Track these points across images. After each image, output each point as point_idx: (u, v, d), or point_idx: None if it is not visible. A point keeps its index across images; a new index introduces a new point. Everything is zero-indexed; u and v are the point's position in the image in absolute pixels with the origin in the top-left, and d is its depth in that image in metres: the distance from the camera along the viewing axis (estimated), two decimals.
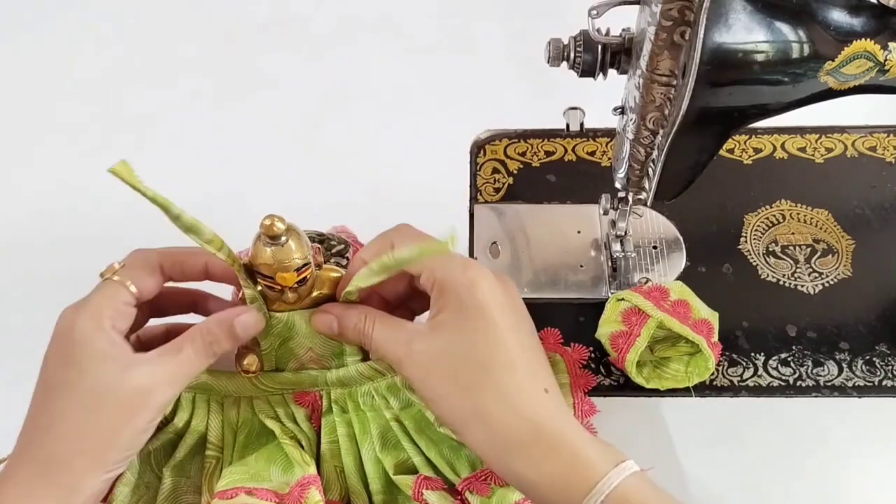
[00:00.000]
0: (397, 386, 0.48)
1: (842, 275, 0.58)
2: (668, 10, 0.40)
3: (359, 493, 0.47)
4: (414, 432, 0.47)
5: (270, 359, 0.47)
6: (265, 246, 0.42)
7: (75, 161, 0.68)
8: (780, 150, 0.65)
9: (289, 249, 0.42)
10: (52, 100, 0.73)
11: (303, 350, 0.47)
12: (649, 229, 0.61)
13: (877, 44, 0.44)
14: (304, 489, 0.44)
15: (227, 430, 0.48)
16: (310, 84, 0.73)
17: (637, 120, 0.46)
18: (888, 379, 0.53)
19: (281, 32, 0.78)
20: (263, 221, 0.41)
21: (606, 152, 0.66)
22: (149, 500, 0.47)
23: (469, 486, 0.45)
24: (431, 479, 0.46)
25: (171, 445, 0.48)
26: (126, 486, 0.45)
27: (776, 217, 0.61)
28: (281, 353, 0.47)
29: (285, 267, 0.42)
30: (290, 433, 0.47)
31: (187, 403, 0.48)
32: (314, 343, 0.47)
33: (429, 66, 0.74)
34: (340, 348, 0.47)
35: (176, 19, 0.79)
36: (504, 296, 0.43)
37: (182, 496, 0.47)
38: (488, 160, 0.66)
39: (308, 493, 0.43)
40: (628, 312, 0.51)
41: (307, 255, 0.43)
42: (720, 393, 0.53)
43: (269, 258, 0.42)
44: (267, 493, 0.43)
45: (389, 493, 0.47)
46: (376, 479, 0.47)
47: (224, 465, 0.47)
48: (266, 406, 0.48)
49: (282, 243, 0.42)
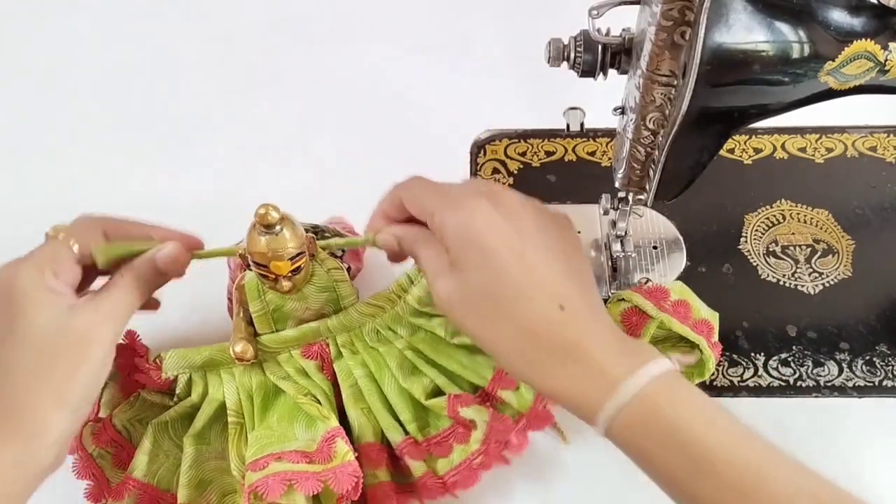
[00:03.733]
0: (400, 315, 0.49)
1: (842, 275, 0.58)
2: (668, 11, 0.40)
3: (394, 428, 0.48)
4: (431, 353, 0.48)
5: (268, 320, 0.48)
6: (260, 235, 0.43)
7: (75, 161, 0.68)
8: (781, 150, 0.65)
9: (283, 238, 0.43)
10: (51, 100, 0.73)
11: (300, 311, 0.48)
12: (649, 229, 0.61)
13: (877, 44, 0.44)
14: (331, 443, 0.44)
15: (244, 395, 0.49)
16: (310, 84, 0.73)
17: (637, 120, 0.46)
18: (888, 379, 0.53)
19: (281, 32, 0.78)
20: (258, 210, 0.42)
21: (607, 152, 0.66)
22: (169, 467, 0.48)
23: (499, 385, 0.47)
24: (461, 395, 0.47)
25: (188, 417, 0.49)
26: (144, 455, 0.47)
27: (776, 217, 0.61)
28: (277, 316, 0.48)
29: (279, 256, 0.43)
30: (305, 390, 0.48)
31: (199, 379, 0.49)
32: (310, 301, 0.48)
33: (428, 66, 0.74)
34: (335, 295, 0.48)
35: (176, 19, 0.79)
36: (503, 223, 0.42)
37: (206, 462, 0.48)
38: (488, 160, 0.66)
39: (335, 446, 0.44)
40: (628, 313, 0.51)
41: (301, 244, 0.44)
42: (720, 393, 0.53)
43: (263, 247, 0.43)
44: (295, 454, 0.44)
45: (422, 419, 0.48)
46: (405, 409, 0.48)
47: (248, 430, 0.48)
48: (276, 367, 0.49)
49: (276, 232, 0.43)
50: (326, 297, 0.48)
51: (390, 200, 0.47)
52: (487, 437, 0.46)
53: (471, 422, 0.46)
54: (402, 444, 0.47)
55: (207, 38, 0.77)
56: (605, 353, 0.40)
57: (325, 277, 0.48)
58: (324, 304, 0.49)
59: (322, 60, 0.75)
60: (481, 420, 0.47)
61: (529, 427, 0.48)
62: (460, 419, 0.46)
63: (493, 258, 0.42)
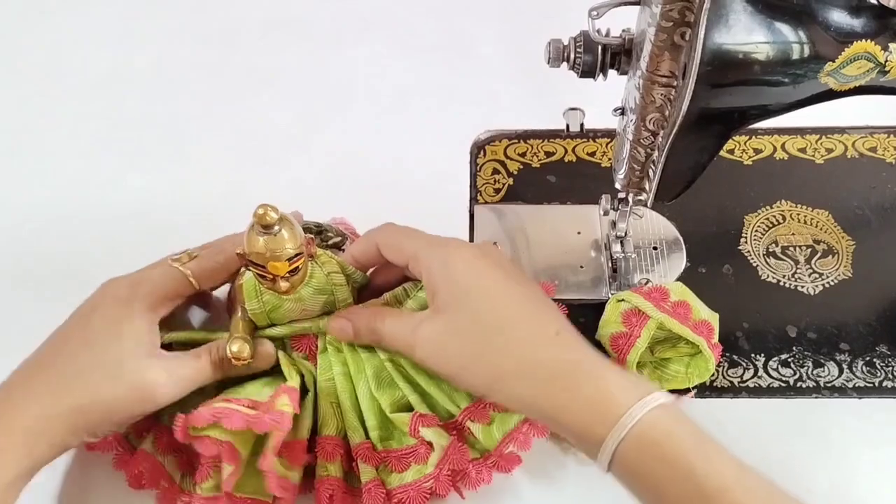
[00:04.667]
0: None
1: (842, 275, 0.58)
2: (668, 11, 0.40)
3: (355, 429, 0.48)
4: (412, 370, 0.48)
5: (264, 320, 0.49)
6: (258, 235, 0.43)
7: (75, 160, 0.68)
8: (781, 151, 0.65)
9: (281, 239, 0.43)
10: (51, 99, 0.73)
11: (296, 311, 0.49)
12: (649, 230, 0.61)
13: (877, 45, 0.44)
14: (277, 396, 0.45)
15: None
16: (310, 84, 0.73)
17: (637, 121, 0.46)
18: (888, 380, 0.53)
19: (281, 32, 0.78)
20: (257, 211, 0.42)
21: (606, 153, 0.66)
22: None
23: (470, 416, 0.47)
24: (427, 415, 0.47)
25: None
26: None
27: (776, 218, 0.61)
28: (274, 316, 0.49)
29: (277, 256, 0.43)
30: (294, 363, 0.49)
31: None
32: (307, 303, 0.48)
33: (429, 66, 0.74)
34: (332, 298, 0.48)
35: (176, 19, 0.79)
36: (485, 262, 0.44)
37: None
38: (488, 161, 0.66)
39: (279, 399, 0.44)
40: (628, 313, 0.51)
41: (300, 245, 0.44)
42: (720, 394, 0.53)
43: (261, 247, 0.43)
44: (244, 400, 0.45)
45: (385, 429, 0.48)
46: (372, 415, 0.48)
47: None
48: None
49: (274, 233, 0.43)
50: (324, 299, 0.49)
51: (363, 246, 0.48)
52: (441, 462, 0.46)
53: (429, 443, 0.46)
54: (360, 445, 0.47)
55: (207, 38, 0.77)
56: (611, 380, 0.40)
57: (323, 280, 0.48)
58: (321, 307, 0.49)
59: (322, 60, 0.75)
60: (439, 444, 0.46)
61: (496, 467, 0.47)
62: (420, 438, 0.46)
63: (484, 292, 0.43)
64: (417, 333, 0.44)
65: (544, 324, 0.43)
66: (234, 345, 0.46)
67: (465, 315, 0.43)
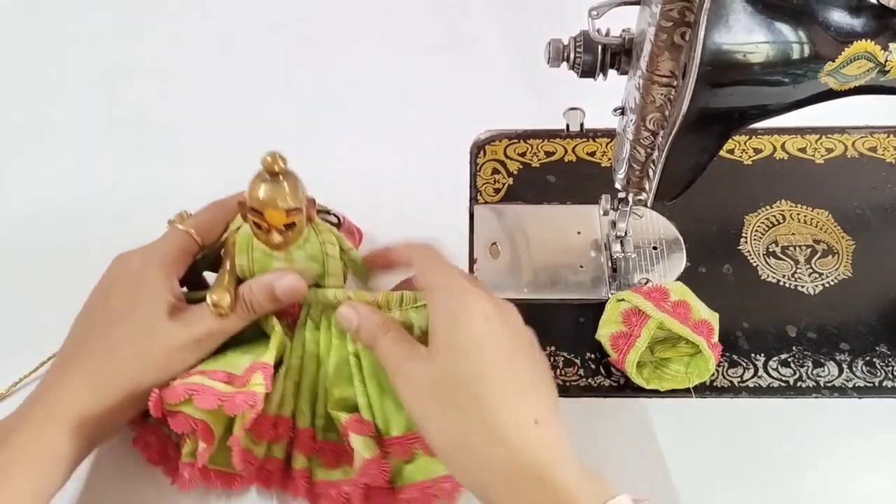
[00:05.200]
0: None
1: (842, 275, 0.58)
2: (668, 11, 0.40)
3: (303, 413, 0.48)
4: (368, 374, 0.47)
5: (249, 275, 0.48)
6: (261, 181, 0.43)
7: (74, 160, 0.68)
8: (781, 151, 0.65)
9: (283, 189, 0.43)
10: (51, 99, 0.73)
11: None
12: (649, 230, 0.61)
13: (877, 44, 0.44)
14: (252, 372, 0.44)
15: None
16: (310, 84, 0.73)
17: (637, 121, 0.46)
18: (888, 380, 0.53)
19: (281, 32, 0.78)
20: (265, 157, 0.43)
21: (606, 153, 0.66)
22: None
23: (392, 448, 0.46)
24: (364, 422, 0.46)
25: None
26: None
27: (776, 217, 0.61)
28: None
29: (276, 204, 0.43)
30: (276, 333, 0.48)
31: None
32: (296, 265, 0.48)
33: (428, 66, 0.74)
34: (322, 270, 0.48)
35: (176, 19, 0.79)
36: (500, 323, 0.43)
37: None
38: (488, 160, 0.66)
39: (253, 376, 0.44)
40: (628, 313, 0.51)
41: (301, 202, 0.44)
42: (720, 394, 0.53)
43: (263, 193, 0.43)
44: (221, 374, 0.44)
45: (330, 420, 0.48)
46: (321, 404, 0.48)
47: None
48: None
49: (278, 181, 0.43)
50: (314, 267, 0.48)
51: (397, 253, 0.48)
52: (360, 472, 0.45)
53: (353, 450, 0.45)
54: (302, 431, 0.47)
55: (207, 38, 0.77)
56: (573, 481, 0.39)
57: (317, 247, 0.47)
58: (310, 276, 0.48)
59: (322, 60, 0.75)
60: (360, 454, 0.45)
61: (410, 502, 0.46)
62: (348, 442, 0.45)
63: (481, 355, 0.41)
64: (405, 366, 0.43)
65: (530, 408, 0.41)
66: (214, 294, 0.46)
67: (452, 370, 0.41)
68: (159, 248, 0.47)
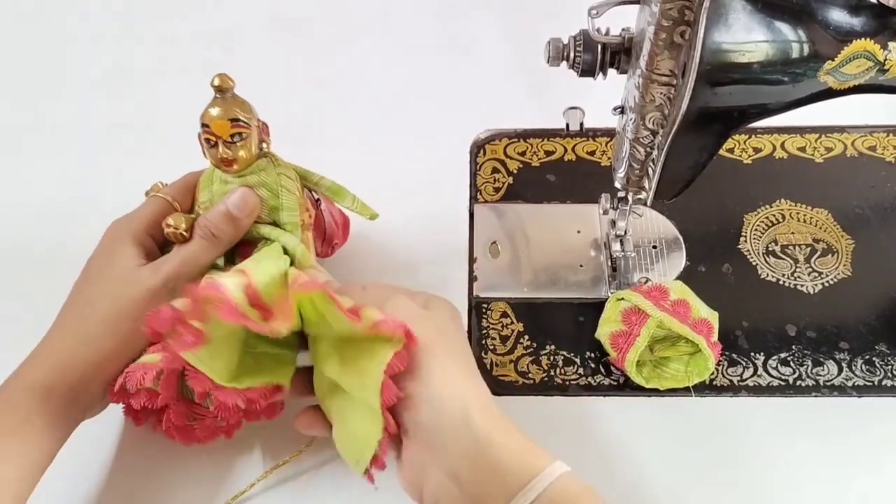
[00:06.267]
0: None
1: (841, 274, 0.58)
2: (667, 10, 0.40)
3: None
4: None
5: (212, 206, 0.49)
6: (213, 99, 0.47)
7: (74, 160, 0.68)
8: (780, 150, 0.65)
9: (230, 102, 0.47)
10: (51, 99, 0.73)
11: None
12: (649, 229, 0.61)
13: (876, 43, 0.44)
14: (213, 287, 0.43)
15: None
16: (310, 84, 0.73)
17: (637, 120, 0.46)
18: (888, 379, 0.53)
19: (281, 32, 0.78)
20: (214, 77, 0.46)
21: (606, 152, 0.66)
22: None
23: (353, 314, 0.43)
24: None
25: None
26: None
27: (776, 217, 0.61)
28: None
29: (221, 115, 0.47)
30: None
31: None
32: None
33: (429, 66, 0.74)
34: (277, 203, 0.49)
35: (176, 19, 0.79)
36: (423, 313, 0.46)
37: None
38: (488, 160, 0.66)
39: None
40: (628, 312, 0.51)
41: (249, 117, 0.47)
42: (720, 392, 0.53)
43: (211, 106, 0.47)
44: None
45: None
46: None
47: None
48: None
49: (226, 97, 0.47)
50: (269, 198, 0.49)
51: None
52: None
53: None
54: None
55: (207, 38, 0.77)
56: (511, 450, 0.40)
57: (273, 177, 0.49)
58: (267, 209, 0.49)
59: (322, 60, 0.75)
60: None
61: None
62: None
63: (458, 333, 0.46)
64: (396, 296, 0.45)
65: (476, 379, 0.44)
66: (171, 218, 0.48)
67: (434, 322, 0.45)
68: (136, 213, 0.49)
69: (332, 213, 0.57)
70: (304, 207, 0.51)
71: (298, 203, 0.50)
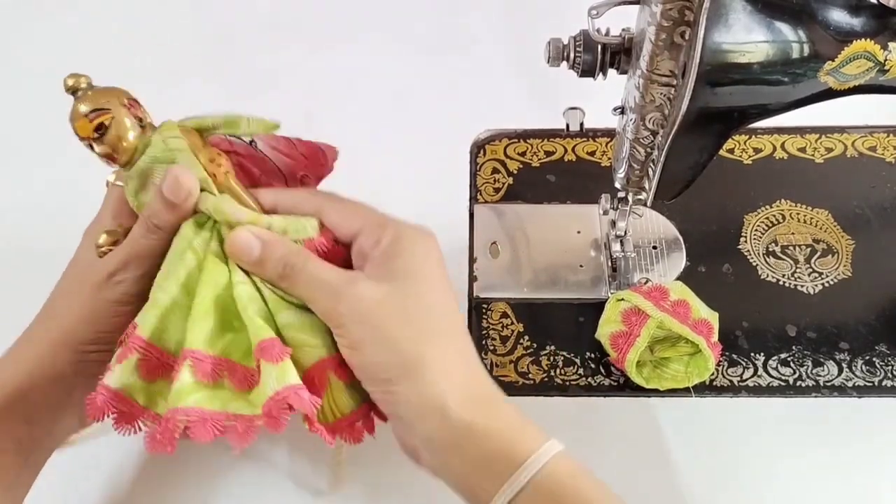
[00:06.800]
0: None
1: (842, 275, 0.58)
2: (667, 10, 0.40)
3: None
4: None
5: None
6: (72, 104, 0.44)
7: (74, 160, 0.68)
8: (780, 150, 0.65)
9: (84, 99, 0.43)
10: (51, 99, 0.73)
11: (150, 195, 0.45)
12: (649, 229, 0.61)
13: (877, 44, 0.44)
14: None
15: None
16: (309, 83, 0.73)
17: (637, 120, 0.46)
18: (888, 379, 0.53)
19: (281, 32, 0.78)
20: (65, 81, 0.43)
21: (606, 152, 0.66)
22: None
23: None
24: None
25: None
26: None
27: (776, 217, 0.61)
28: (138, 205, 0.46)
29: (77, 115, 0.43)
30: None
31: None
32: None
33: (429, 66, 0.74)
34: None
35: (176, 19, 0.79)
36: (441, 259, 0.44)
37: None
38: (488, 160, 0.66)
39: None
40: (628, 312, 0.51)
41: (106, 101, 0.43)
42: (720, 393, 0.53)
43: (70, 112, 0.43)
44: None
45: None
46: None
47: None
48: None
49: (83, 96, 0.43)
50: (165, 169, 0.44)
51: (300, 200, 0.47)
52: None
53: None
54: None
55: (207, 38, 0.77)
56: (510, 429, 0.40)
57: (160, 147, 0.44)
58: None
59: (322, 60, 0.75)
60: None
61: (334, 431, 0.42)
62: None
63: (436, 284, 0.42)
64: (357, 285, 0.41)
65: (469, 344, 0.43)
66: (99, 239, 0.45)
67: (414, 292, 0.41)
68: (100, 213, 0.49)
69: (279, 148, 0.52)
70: (210, 159, 0.46)
71: (198, 159, 0.45)
